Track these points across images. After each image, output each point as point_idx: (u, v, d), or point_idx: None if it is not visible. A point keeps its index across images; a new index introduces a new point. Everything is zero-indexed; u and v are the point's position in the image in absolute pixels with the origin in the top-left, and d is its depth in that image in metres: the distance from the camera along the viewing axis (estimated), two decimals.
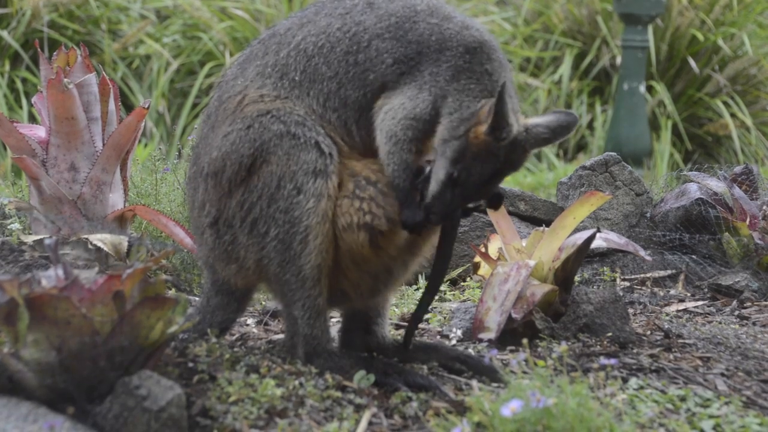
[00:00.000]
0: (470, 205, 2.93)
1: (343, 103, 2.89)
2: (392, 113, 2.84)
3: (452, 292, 4.22)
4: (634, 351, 3.34)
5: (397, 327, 3.64)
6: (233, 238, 2.94)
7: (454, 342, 3.40)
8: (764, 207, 4.56)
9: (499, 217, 3.63)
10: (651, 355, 3.31)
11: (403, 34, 2.88)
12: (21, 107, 8.22)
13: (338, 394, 2.75)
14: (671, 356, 3.33)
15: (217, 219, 2.96)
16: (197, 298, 3.94)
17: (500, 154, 2.79)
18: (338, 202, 2.87)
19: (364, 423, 2.63)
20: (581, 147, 10.04)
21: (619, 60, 9.86)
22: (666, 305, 4.13)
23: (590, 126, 10.03)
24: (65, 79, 3.93)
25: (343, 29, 2.91)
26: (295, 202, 2.84)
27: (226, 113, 2.96)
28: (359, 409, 2.73)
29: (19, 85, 8.33)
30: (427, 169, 2.84)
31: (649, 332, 3.62)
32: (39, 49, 4.27)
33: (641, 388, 3.00)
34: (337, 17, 2.94)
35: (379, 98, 2.88)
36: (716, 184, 4.62)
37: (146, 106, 4.04)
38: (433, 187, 2.80)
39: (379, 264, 2.94)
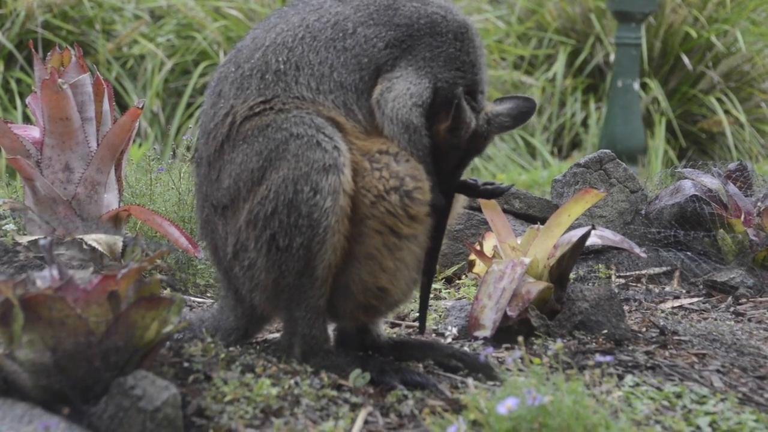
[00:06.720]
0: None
1: (339, 86, 2.89)
2: (401, 101, 2.87)
3: (447, 290, 4.21)
4: (630, 348, 3.34)
5: (393, 325, 3.64)
6: (251, 262, 2.87)
7: (449, 340, 3.39)
8: (759, 203, 4.56)
9: (494, 215, 3.63)
10: (647, 352, 3.31)
11: (388, 19, 2.91)
12: (15, 108, 8.20)
13: (334, 393, 2.75)
14: (667, 353, 3.33)
15: (236, 246, 2.90)
16: (192, 298, 3.94)
17: (461, 145, 2.92)
18: (360, 184, 2.84)
19: (359, 422, 2.63)
20: (575, 144, 10.05)
21: (612, 57, 9.87)
22: (661, 302, 4.14)
23: (584, 123, 10.04)
24: (59, 80, 3.92)
25: (322, 20, 2.93)
26: (313, 204, 2.79)
27: (220, 142, 2.91)
28: (355, 407, 2.73)
29: (13, 85, 8.31)
30: None
31: (644, 329, 3.62)
32: (33, 50, 4.25)
33: (637, 385, 3.00)
34: (310, 12, 2.95)
35: (377, 83, 2.90)
36: (711, 181, 4.62)
37: (140, 106, 4.03)
38: None
39: (412, 250, 2.91)
